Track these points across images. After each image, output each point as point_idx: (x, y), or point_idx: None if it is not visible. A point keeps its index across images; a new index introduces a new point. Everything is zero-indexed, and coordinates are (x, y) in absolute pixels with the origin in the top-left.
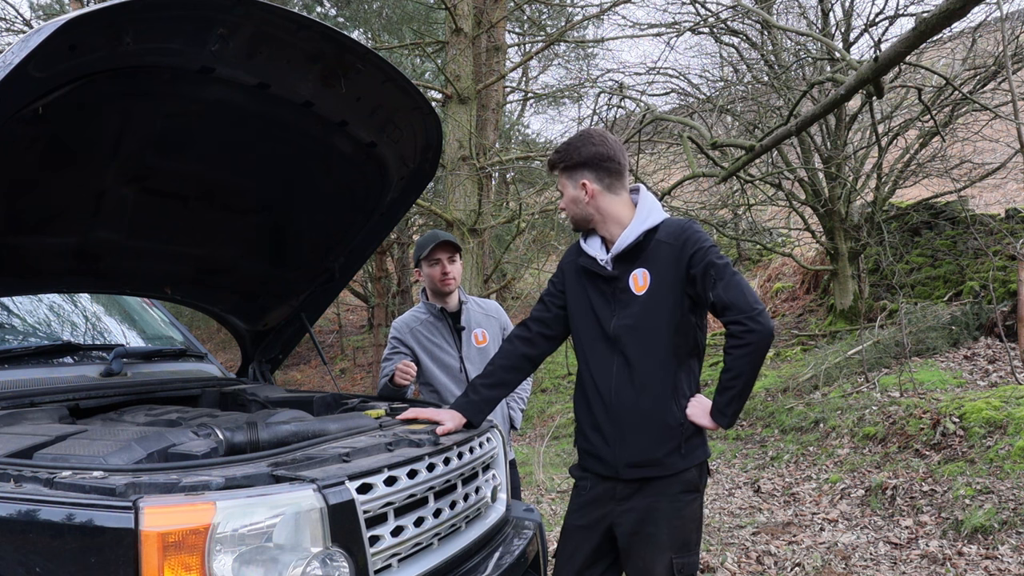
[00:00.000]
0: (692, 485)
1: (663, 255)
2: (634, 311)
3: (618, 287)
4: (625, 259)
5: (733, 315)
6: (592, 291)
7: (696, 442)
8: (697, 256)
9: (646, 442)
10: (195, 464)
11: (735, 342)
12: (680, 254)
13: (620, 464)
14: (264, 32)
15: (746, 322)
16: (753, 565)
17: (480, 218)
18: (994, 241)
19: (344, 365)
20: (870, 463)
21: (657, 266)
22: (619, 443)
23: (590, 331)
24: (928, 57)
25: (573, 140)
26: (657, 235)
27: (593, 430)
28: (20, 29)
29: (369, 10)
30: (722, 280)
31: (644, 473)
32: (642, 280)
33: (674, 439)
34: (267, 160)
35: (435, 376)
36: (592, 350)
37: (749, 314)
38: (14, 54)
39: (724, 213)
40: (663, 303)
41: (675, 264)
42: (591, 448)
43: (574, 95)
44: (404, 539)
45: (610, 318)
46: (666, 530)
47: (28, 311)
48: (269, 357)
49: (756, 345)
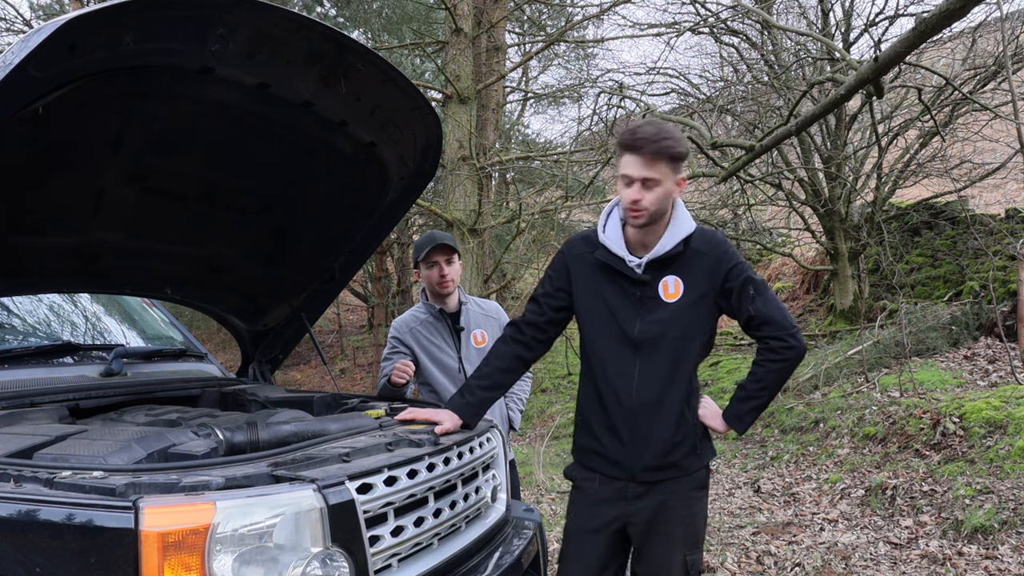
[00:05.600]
0: (703, 483)
1: (699, 265)
2: (663, 317)
3: (647, 292)
4: (659, 264)
5: (773, 331)
6: (611, 290)
7: (707, 441)
8: (735, 270)
9: (667, 446)
10: (195, 464)
11: (772, 356)
12: (717, 266)
13: (637, 467)
14: (264, 32)
15: (787, 339)
16: (753, 565)
17: (480, 218)
18: (994, 241)
19: (344, 365)
20: (870, 463)
21: (692, 275)
22: (638, 446)
23: (608, 332)
24: (928, 57)
25: (672, 132)
26: (692, 244)
27: (607, 431)
28: (20, 29)
29: (369, 10)
30: (761, 296)
31: (661, 476)
32: (672, 287)
33: (690, 440)
34: (267, 160)
35: (434, 376)
36: (609, 352)
37: (790, 331)
38: (14, 54)
39: (724, 213)
40: (696, 312)
41: (711, 275)
42: (601, 449)
43: (574, 95)
44: (404, 539)
45: (633, 321)
46: (680, 527)
47: (28, 311)
48: (269, 357)
49: (792, 362)
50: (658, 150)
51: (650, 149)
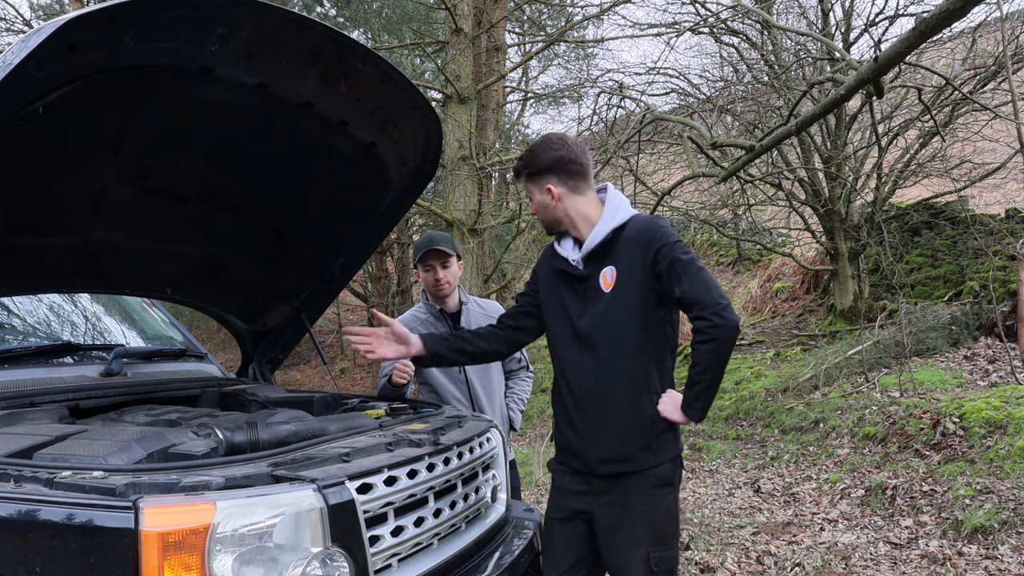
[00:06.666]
0: (666, 480)
1: (629, 252)
2: (601, 309)
3: (588, 286)
4: (595, 258)
5: (698, 311)
6: (565, 291)
7: (668, 436)
8: (662, 252)
9: (617, 438)
10: (195, 464)
11: (701, 337)
12: (645, 250)
13: (594, 459)
14: (264, 32)
15: (711, 317)
16: (753, 565)
17: (480, 218)
18: (994, 241)
19: (344, 365)
20: (870, 463)
21: (623, 263)
22: (591, 439)
23: (562, 329)
24: (928, 57)
25: (535, 146)
26: (624, 232)
27: (568, 426)
28: (20, 29)
29: (369, 10)
30: (687, 276)
31: (617, 468)
32: (610, 277)
33: (645, 435)
34: (267, 160)
35: (434, 376)
36: (564, 348)
37: (714, 309)
38: (14, 54)
39: (724, 213)
40: (629, 300)
41: (641, 261)
42: (567, 444)
43: (574, 95)
44: (404, 539)
45: (580, 316)
46: (640, 525)
47: (28, 311)
48: (269, 357)
49: (721, 340)
50: (515, 171)
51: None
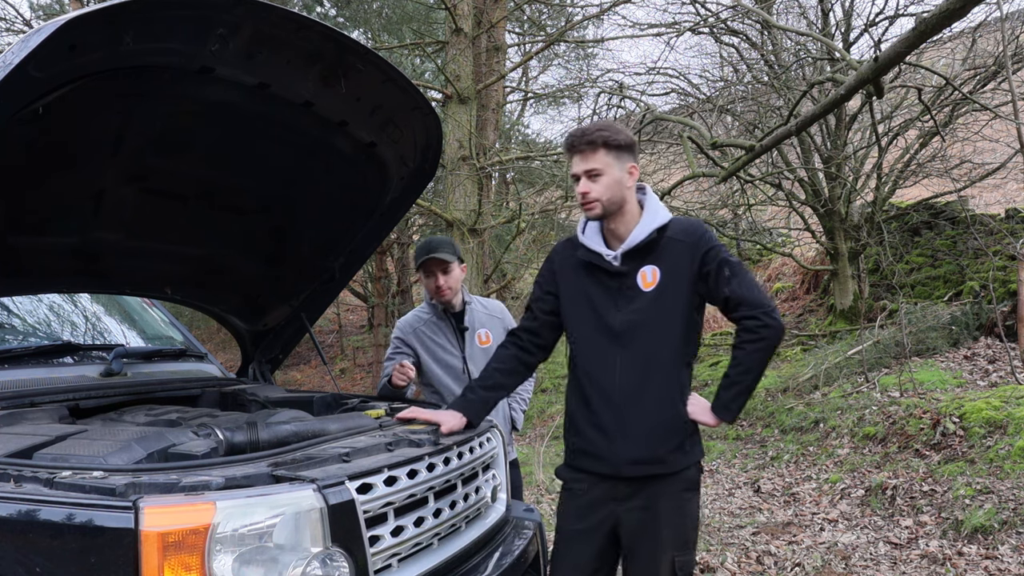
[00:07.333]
0: (693, 483)
1: (676, 252)
2: (641, 307)
3: (625, 283)
4: (635, 255)
5: (748, 311)
6: (592, 285)
7: (696, 439)
8: (711, 253)
9: (651, 438)
10: (195, 464)
11: (749, 336)
12: (694, 252)
13: (621, 461)
14: (264, 32)
15: (762, 317)
16: (753, 565)
17: (480, 218)
18: (994, 241)
19: (344, 365)
20: (870, 463)
21: (669, 263)
22: (621, 439)
23: (589, 326)
24: (928, 57)
25: (610, 124)
26: (668, 232)
27: (592, 427)
28: (20, 29)
29: (369, 10)
30: (736, 277)
31: (647, 471)
32: (651, 276)
33: (678, 436)
34: (267, 160)
35: (437, 376)
36: (591, 345)
37: (764, 310)
38: (14, 54)
39: (724, 213)
40: (674, 299)
41: (688, 261)
42: (587, 446)
43: (574, 95)
44: (404, 539)
45: (614, 313)
46: (668, 530)
47: (28, 311)
48: (269, 357)
49: (770, 341)
50: (591, 140)
51: (584, 142)
